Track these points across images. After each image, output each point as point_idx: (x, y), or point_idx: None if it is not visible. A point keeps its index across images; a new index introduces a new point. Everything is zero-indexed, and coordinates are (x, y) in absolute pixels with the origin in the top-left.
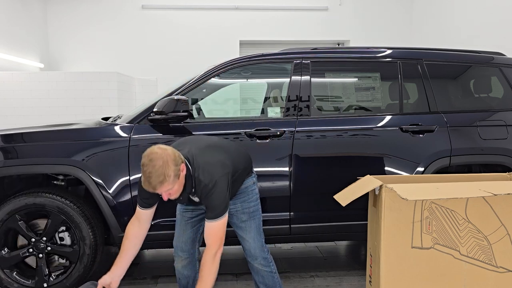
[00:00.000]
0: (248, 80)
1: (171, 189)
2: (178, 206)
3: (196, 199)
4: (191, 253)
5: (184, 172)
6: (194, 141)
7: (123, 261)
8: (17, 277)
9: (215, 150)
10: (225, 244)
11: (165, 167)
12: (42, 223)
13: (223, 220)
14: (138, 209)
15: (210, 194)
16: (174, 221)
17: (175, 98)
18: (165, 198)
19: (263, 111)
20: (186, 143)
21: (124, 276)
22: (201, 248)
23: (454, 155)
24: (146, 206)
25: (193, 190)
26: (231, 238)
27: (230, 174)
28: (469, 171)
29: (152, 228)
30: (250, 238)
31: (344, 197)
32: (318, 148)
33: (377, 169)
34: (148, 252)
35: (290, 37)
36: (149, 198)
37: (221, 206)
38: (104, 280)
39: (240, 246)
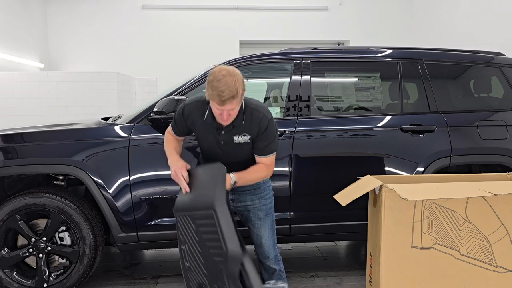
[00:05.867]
0: (248, 80)
1: (233, 110)
2: None
3: (243, 138)
4: None
5: (242, 99)
6: None
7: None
8: (17, 277)
9: None
10: None
11: (237, 84)
12: (42, 223)
13: (273, 156)
14: (171, 131)
15: (268, 128)
16: (174, 221)
17: (175, 98)
18: (225, 117)
19: None
20: None
21: (124, 276)
22: None
23: (454, 155)
24: (178, 134)
25: (242, 122)
26: None
27: None
28: (469, 171)
29: (152, 228)
30: (264, 236)
31: (344, 197)
32: (318, 148)
33: (377, 169)
34: (148, 252)
35: (290, 37)
36: (182, 130)
37: (275, 142)
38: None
39: None
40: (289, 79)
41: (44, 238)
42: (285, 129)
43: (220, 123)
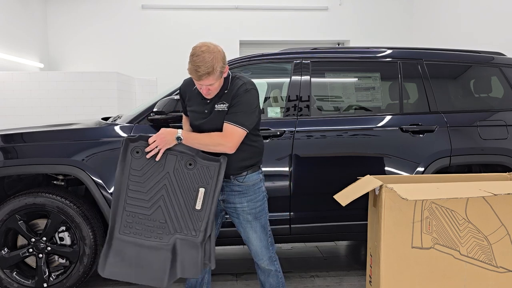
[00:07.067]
0: None
1: (212, 85)
2: None
3: (221, 106)
4: None
5: (226, 74)
6: None
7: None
8: (17, 277)
9: None
10: (225, 244)
11: (215, 61)
12: (42, 223)
13: (242, 131)
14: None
15: (242, 96)
16: None
17: (175, 98)
18: (204, 91)
19: (263, 111)
20: None
21: None
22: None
23: (454, 155)
24: (184, 112)
25: (225, 91)
26: (230, 238)
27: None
28: (469, 171)
29: None
30: (255, 238)
31: (344, 197)
32: (318, 148)
33: (377, 169)
34: None
35: (290, 37)
36: (184, 108)
37: (246, 115)
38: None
39: (240, 246)
40: (289, 79)
41: (44, 238)
42: (285, 129)
43: None
